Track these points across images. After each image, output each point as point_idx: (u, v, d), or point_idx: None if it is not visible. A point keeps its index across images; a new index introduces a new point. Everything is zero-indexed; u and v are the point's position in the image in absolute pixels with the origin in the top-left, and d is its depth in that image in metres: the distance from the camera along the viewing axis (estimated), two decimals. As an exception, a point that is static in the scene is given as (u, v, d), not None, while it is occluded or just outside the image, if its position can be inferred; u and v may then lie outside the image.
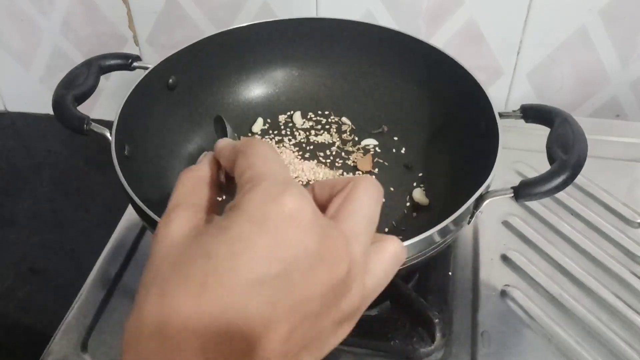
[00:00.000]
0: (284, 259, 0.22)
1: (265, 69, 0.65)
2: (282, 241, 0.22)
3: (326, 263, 0.23)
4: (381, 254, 0.27)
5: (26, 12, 0.78)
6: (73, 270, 0.73)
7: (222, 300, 0.22)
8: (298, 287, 0.22)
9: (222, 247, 0.22)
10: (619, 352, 0.49)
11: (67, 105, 0.52)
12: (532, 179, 0.45)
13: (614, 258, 0.56)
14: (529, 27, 0.69)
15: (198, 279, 0.22)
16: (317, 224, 0.23)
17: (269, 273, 0.22)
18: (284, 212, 0.23)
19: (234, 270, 0.22)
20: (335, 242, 0.24)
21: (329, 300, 0.23)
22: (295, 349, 0.23)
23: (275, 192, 0.23)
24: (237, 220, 0.23)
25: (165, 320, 0.22)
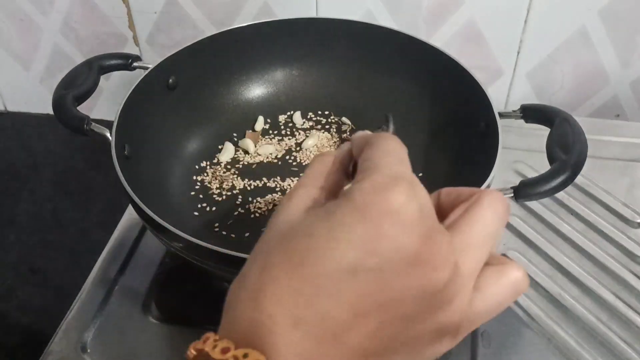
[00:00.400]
0: (380, 254, 0.22)
1: (265, 69, 0.65)
2: (380, 235, 0.22)
3: (424, 266, 0.23)
4: (499, 277, 0.25)
5: (26, 12, 0.78)
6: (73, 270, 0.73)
7: (316, 281, 0.22)
8: (391, 285, 0.22)
9: (323, 229, 0.23)
10: (619, 352, 0.49)
11: (67, 105, 0.52)
12: (532, 179, 0.45)
13: (614, 258, 0.56)
14: (529, 27, 0.69)
15: (298, 255, 0.23)
16: (421, 224, 0.23)
17: (363, 265, 0.22)
18: (387, 205, 0.23)
19: (331, 254, 0.22)
20: (438, 246, 0.23)
21: (423, 306, 0.23)
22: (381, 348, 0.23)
23: (384, 184, 0.23)
24: (342, 206, 0.23)
25: (261, 288, 0.23)
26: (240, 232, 0.54)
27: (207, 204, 0.57)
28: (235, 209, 0.56)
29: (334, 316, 0.22)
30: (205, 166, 0.60)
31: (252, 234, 0.54)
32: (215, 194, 0.58)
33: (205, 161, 0.60)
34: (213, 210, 0.56)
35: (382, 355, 0.23)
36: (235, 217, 0.56)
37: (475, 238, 0.24)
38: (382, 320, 0.23)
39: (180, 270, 0.56)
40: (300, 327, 0.22)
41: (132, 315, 0.53)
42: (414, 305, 0.23)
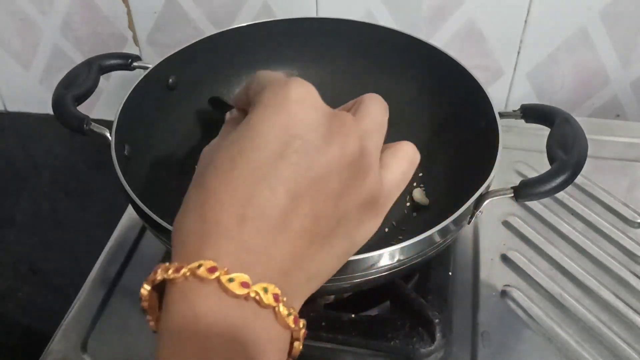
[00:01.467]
0: (299, 136, 0.25)
1: (265, 69, 0.65)
2: (295, 119, 0.25)
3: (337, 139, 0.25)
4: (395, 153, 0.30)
5: (26, 12, 0.77)
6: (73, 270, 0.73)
7: (250, 177, 0.24)
8: (315, 162, 0.25)
9: (245, 132, 0.25)
10: (619, 352, 0.49)
11: (67, 105, 0.52)
12: (532, 178, 0.45)
13: (614, 258, 0.56)
14: (529, 27, 0.69)
15: (227, 163, 0.25)
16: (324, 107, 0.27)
17: (288, 149, 0.24)
18: (293, 96, 0.26)
19: (257, 148, 0.24)
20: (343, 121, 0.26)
21: (346, 177, 0.25)
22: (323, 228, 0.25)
23: (282, 84, 0.26)
24: (254, 110, 0.26)
25: (203, 202, 0.24)
26: (240, 232, 0.54)
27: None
28: (235, 209, 0.56)
29: (273, 204, 0.24)
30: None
31: (252, 234, 0.54)
32: (215, 194, 0.58)
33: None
34: (213, 210, 0.56)
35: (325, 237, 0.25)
36: (235, 217, 0.56)
37: (370, 125, 0.28)
38: (317, 199, 0.25)
39: (180, 270, 0.56)
40: (245, 223, 0.23)
41: (132, 315, 0.53)
42: (338, 179, 0.25)
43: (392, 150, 0.31)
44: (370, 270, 0.42)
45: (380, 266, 0.42)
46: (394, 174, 0.30)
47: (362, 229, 0.27)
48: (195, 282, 0.23)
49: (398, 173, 0.30)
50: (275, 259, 0.24)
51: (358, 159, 0.26)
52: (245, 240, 0.23)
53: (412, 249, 0.42)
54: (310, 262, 0.25)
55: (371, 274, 0.42)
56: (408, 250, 0.42)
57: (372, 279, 0.43)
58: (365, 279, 0.42)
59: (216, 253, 0.23)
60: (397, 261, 0.42)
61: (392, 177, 0.30)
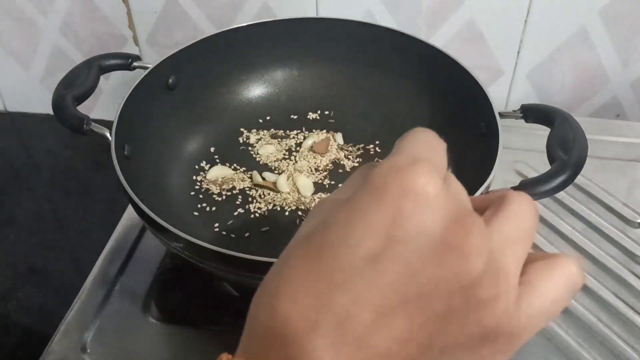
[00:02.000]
0: (401, 240, 0.20)
1: (265, 69, 0.65)
2: (400, 218, 0.20)
3: (454, 252, 0.20)
4: (550, 270, 0.22)
5: (26, 12, 0.77)
6: (73, 270, 0.73)
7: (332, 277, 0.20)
8: (417, 275, 0.20)
9: (339, 218, 0.21)
10: (619, 352, 0.49)
11: (67, 105, 0.52)
12: (532, 179, 0.45)
13: (614, 258, 0.56)
14: (529, 27, 0.69)
15: (315, 250, 0.21)
16: (447, 206, 0.20)
17: (384, 254, 0.20)
18: (406, 185, 0.20)
19: (346, 244, 0.20)
20: (468, 230, 0.20)
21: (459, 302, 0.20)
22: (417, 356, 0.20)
23: (402, 164, 0.21)
24: (359, 190, 0.21)
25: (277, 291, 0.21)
26: (240, 232, 0.54)
27: (207, 204, 0.57)
28: (235, 209, 0.56)
29: (354, 316, 0.19)
30: (205, 166, 0.60)
31: (252, 234, 0.54)
32: (215, 194, 0.58)
33: (205, 161, 0.60)
34: (213, 210, 0.56)
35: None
36: (235, 217, 0.56)
37: (513, 232, 0.22)
38: (413, 319, 0.20)
39: (180, 270, 0.56)
40: (318, 332, 0.19)
41: (132, 315, 0.53)
42: (447, 302, 0.20)
43: (546, 264, 0.22)
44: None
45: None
46: (541, 299, 0.22)
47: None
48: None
49: (548, 299, 0.22)
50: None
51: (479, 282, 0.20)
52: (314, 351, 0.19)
53: (412, 249, 0.42)
54: None
55: (371, 274, 0.42)
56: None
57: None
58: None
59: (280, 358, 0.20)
60: (397, 261, 0.42)
61: (537, 302, 0.22)
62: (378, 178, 0.21)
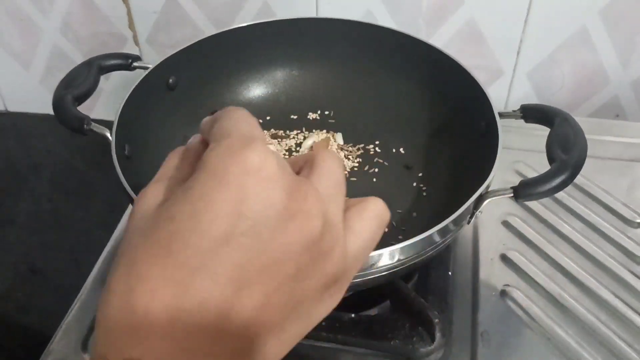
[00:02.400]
0: (250, 216, 0.21)
1: (265, 69, 0.65)
2: (245, 196, 0.21)
3: (297, 219, 0.22)
4: (362, 212, 0.25)
5: (26, 12, 0.77)
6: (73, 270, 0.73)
7: (188, 264, 0.20)
8: (268, 245, 0.21)
9: (185, 207, 0.21)
10: (619, 352, 0.49)
11: (67, 105, 0.52)
12: (532, 178, 0.45)
13: (614, 258, 0.56)
14: (529, 27, 0.69)
15: (163, 243, 0.21)
16: (283, 178, 0.22)
17: (235, 231, 0.21)
18: (245, 165, 0.22)
19: (198, 230, 0.21)
20: (305, 195, 0.22)
21: (306, 260, 0.22)
22: (275, 317, 0.22)
23: (237, 146, 0.22)
24: (198, 177, 0.22)
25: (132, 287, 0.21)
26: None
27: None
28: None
29: (214, 296, 0.20)
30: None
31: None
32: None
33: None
34: (213, 210, 0.56)
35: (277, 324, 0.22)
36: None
37: (332, 187, 0.24)
38: (268, 286, 0.21)
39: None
40: (180, 317, 0.20)
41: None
42: (296, 263, 0.22)
43: (358, 208, 0.26)
44: (370, 270, 0.42)
45: (380, 266, 0.42)
46: (361, 239, 0.25)
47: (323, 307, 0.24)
48: None
49: (366, 237, 0.25)
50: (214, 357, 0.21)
51: (320, 237, 0.22)
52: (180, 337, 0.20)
53: (412, 248, 0.42)
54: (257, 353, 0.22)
55: (371, 274, 0.42)
56: (408, 250, 0.42)
57: (372, 278, 0.43)
58: (365, 278, 0.43)
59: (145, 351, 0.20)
60: (397, 261, 0.42)
61: (358, 242, 0.25)
62: (216, 162, 0.22)
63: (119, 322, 0.21)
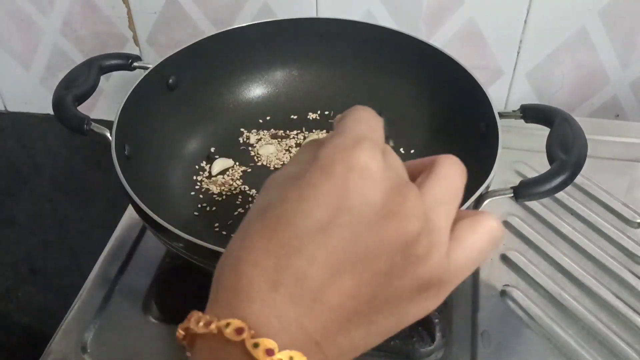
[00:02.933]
0: (349, 210, 0.23)
1: (265, 69, 0.65)
2: (347, 191, 0.23)
3: (394, 218, 0.23)
4: (475, 227, 0.26)
5: (26, 12, 0.78)
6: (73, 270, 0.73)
7: (290, 243, 0.23)
8: (363, 239, 0.23)
9: (294, 193, 0.24)
10: (619, 352, 0.49)
11: (67, 105, 0.52)
12: (532, 178, 0.45)
13: (614, 258, 0.56)
14: (529, 27, 0.69)
15: (272, 222, 0.23)
16: (387, 178, 0.24)
17: (333, 222, 0.23)
18: (351, 162, 0.23)
19: (301, 215, 0.23)
20: (405, 197, 0.23)
21: (399, 259, 0.23)
22: (365, 307, 0.23)
23: (347, 143, 0.24)
24: (310, 168, 0.24)
25: (241, 257, 0.23)
26: (240, 232, 0.54)
27: (207, 204, 0.57)
28: (235, 209, 0.56)
29: (310, 276, 0.22)
30: (205, 166, 0.60)
31: (252, 234, 0.54)
32: (215, 194, 0.58)
33: (205, 161, 0.60)
34: (213, 210, 0.56)
35: (366, 315, 0.23)
36: (235, 217, 0.56)
37: (443, 194, 0.25)
38: (360, 277, 0.23)
39: (180, 270, 0.56)
40: (279, 289, 0.22)
41: (132, 315, 0.53)
42: (389, 260, 0.23)
43: (471, 221, 0.26)
44: (370, 270, 0.42)
45: (380, 266, 0.42)
46: (466, 251, 0.25)
47: (416, 309, 0.25)
48: (221, 341, 0.22)
49: (473, 251, 0.26)
50: (306, 329, 0.23)
51: (417, 239, 0.23)
52: (276, 306, 0.22)
53: (412, 248, 0.42)
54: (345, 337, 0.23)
55: (371, 274, 0.42)
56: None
57: (372, 278, 0.43)
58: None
59: (246, 314, 0.22)
60: (397, 261, 0.42)
61: (464, 255, 0.25)
62: (326, 156, 0.24)
63: (227, 285, 0.23)
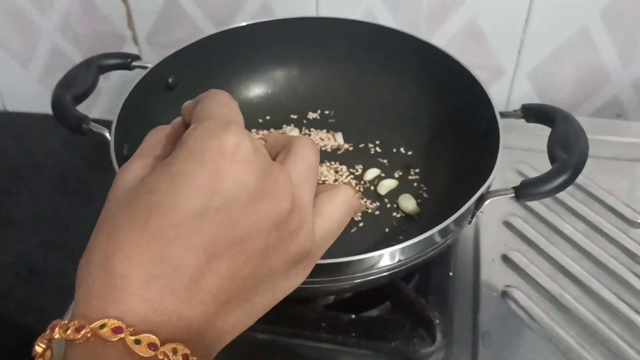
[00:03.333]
0: (223, 193, 0.23)
1: (265, 69, 0.65)
2: (220, 175, 0.23)
3: (267, 199, 0.24)
4: (332, 198, 0.28)
5: (25, 11, 0.77)
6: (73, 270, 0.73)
7: (164, 234, 0.22)
8: (239, 222, 0.23)
9: (163, 183, 0.23)
10: (620, 353, 0.49)
11: (66, 105, 0.51)
12: (533, 178, 0.45)
13: (615, 258, 0.56)
14: (530, 27, 0.69)
15: (142, 214, 0.23)
16: (257, 161, 0.24)
17: (209, 207, 0.23)
18: (222, 147, 0.23)
19: (175, 204, 0.22)
20: (276, 178, 0.24)
21: (273, 238, 0.24)
22: (242, 287, 0.23)
23: (216, 128, 0.24)
24: (178, 156, 0.24)
25: (111, 253, 0.22)
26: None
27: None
28: (235, 209, 0.56)
29: (187, 264, 0.22)
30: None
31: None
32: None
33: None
34: (213, 210, 0.56)
35: (243, 296, 0.24)
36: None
37: (304, 172, 0.27)
38: (237, 258, 0.23)
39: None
40: (155, 282, 0.22)
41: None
42: (265, 239, 0.24)
43: (329, 194, 0.28)
44: (370, 271, 0.42)
45: (381, 266, 0.42)
46: (328, 222, 0.27)
47: (288, 283, 0.26)
48: (98, 344, 0.21)
49: (334, 220, 0.28)
50: (186, 319, 0.22)
51: (289, 217, 0.24)
52: (154, 300, 0.22)
53: (413, 249, 0.42)
54: (225, 319, 0.23)
55: (372, 274, 0.42)
56: (408, 251, 0.42)
57: (372, 279, 0.43)
58: (365, 279, 0.42)
59: (122, 312, 0.21)
60: (397, 261, 0.42)
61: (326, 225, 0.27)
62: (195, 142, 0.24)
63: (98, 284, 0.22)
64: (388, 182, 0.57)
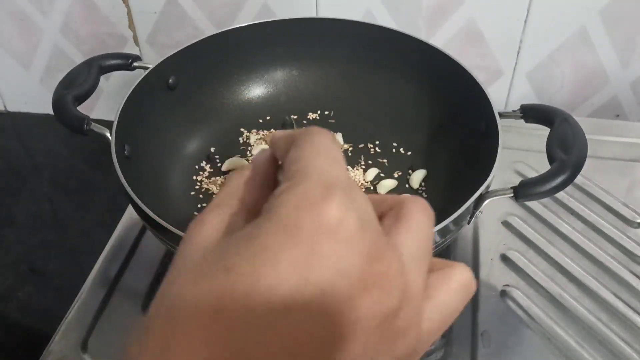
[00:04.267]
0: (318, 282, 0.18)
1: (265, 69, 0.65)
2: (316, 260, 0.18)
3: (373, 292, 0.18)
4: (448, 282, 0.22)
5: (26, 12, 0.77)
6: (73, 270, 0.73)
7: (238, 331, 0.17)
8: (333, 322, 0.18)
9: (244, 260, 0.18)
10: (619, 352, 0.49)
11: (67, 105, 0.52)
12: (532, 178, 0.45)
13: (614, 258, 0.56)
14: (529, 27, 0.69)
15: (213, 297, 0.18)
16: (363, 240, 0.18)
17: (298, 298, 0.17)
18: (321, 222, 0.18)
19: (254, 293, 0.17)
20: (388, 267, 0.19)
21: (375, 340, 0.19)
22: None
23: (315, 195, 0.19)
24: (265, 226, 0.18)
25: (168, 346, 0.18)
26: (240, 232, 0.54)
27: (207, 204, 0.57)
28: (235, 209, 0.56)
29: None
30: (205, 166, 0.60)
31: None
32: (215, 194, 0.58)
33: (205, 161, 0.60)
34: (213, 210, 0.56)
35: None
36: (235, 217, 0.56)
37: (419, 250, 0.21)
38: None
39: (180, 270, 0.56)
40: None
41: (132, 315, 0.53)
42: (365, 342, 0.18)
43: (443, 275, 0.22)
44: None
45: (380, 266, 0.42)
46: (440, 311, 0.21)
47: None
48: None
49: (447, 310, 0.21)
50: None
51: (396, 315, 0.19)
52: None
53: (412, 248, 0.42)
54: None
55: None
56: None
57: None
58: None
59: None
60: (397, 261, 0.42)
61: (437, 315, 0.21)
62: (288, 212, 0.18)
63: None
64: (388, 182, 0.57)
